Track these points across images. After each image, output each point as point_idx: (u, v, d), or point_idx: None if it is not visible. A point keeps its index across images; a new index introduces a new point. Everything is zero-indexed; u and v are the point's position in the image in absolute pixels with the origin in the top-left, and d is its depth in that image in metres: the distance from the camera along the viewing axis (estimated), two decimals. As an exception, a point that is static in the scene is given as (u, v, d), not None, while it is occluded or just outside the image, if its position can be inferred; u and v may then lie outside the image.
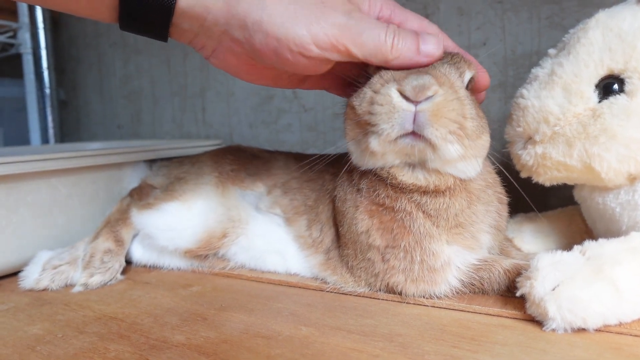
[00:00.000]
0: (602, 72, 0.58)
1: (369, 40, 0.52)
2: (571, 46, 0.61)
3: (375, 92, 0.55)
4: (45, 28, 1.54)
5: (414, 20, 0.61)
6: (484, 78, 0.64)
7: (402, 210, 0.59)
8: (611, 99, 0.58)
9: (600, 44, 0.58)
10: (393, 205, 0.60)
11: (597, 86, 0.59)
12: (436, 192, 0.59)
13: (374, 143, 0.55)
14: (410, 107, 0.52)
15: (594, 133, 0.57)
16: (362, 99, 0.57)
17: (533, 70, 0.66)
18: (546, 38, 0.91)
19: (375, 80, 0.57)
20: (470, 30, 0.99)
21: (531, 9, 0.92)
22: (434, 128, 0.52)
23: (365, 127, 0.56)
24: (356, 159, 0.61)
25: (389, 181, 0.59)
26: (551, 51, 0.66)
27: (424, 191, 0.59)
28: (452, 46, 0.63)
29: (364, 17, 0.53)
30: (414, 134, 0.53)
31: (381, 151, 0.56)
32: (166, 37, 0.56)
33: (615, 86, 0.58)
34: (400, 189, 0.59)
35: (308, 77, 0.67)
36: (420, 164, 0.58)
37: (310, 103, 1.21)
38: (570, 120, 0.59)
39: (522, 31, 0.94)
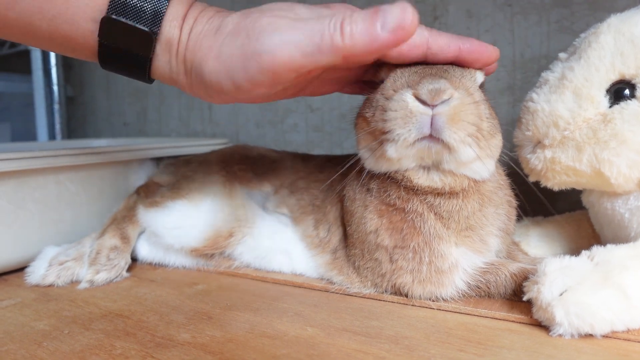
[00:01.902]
0: (614, 77, 0.58)
1: (319, 28, 0.44)
2: (582, 50, 0.61)
3: (388, 98, 0.55)
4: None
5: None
6: (489, 54, 0.58)
7: (413, 211, 0.59)
8: (622, 104, 0.57)
9: (612, 48, 0.58)
10: (404, 207, 0.60)
11: (608, 91, 0.59)
12: (451, 193, 0.58)
13: (391, 150, 0.55)
14: (427, 111, 0.51)
15: (604, 138, 0.57)
16: (374, 108, 0.57)
17: (543, 74, 0.65)
18: (555, 42, 0.91)
19: (388, 86, 0.56)
20: (479, 33, 0.98)
21: (541, 13, 0.92)
22: (452, 131, 0.52)
23: (380, 136, 0.56)
24: (369, 164, 0.61)
25: (403, 184, 0.59)
26: (562, 55, 0.66)
27: (439, 193, 0.58)
28: (454, 43, 0.56)
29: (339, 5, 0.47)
30: (431, 136, 0.52)
31: (398, 157, 0.56)
32: (146, 79, 0.55)
33: (627, 91, 0.58)
34: (414, 190, 0.59)
35: (307, 85, 0.61)
36: (434, 166, 0.57)
37: (316, 103, 1.21)
38: (580, 125, 0.59)
39: (531, 34, 0.93)
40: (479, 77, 0.59)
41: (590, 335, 0.49)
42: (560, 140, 0.60)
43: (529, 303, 0.53)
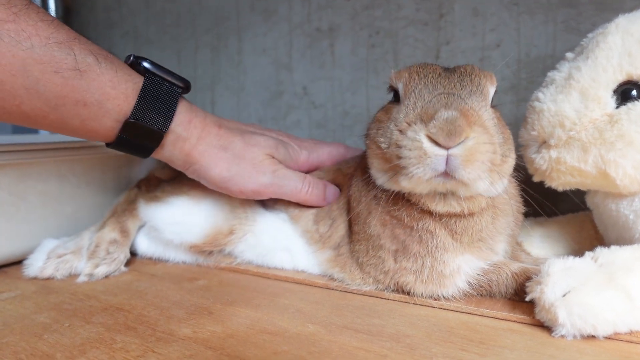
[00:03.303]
0: (621, 78, 0.58)
1: (288, 189, 0.71)
2: (590, 50, 0.60)
3: (402, 132, 0.53)
4: (57, 16, 1.54)
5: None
6: None
7: (424, 229, 0.59)
8: (629, 104, 0.57)
9: (619, 49, 0.58)
10: (413, 225, 0.59)
11: (615, 91, 0.58)
12: (470, 214, 0.58)
13: (405, 183, 0.54)
14: (442, 152, 0.50)
15: (611, 139, 0.56)
16: (388, 139, 0.55)
17: (550, 74, 0.65)
18: (561, 42, 0.90)
19: (401, 117, 0.55)
20: (485, 32, 0.98)
21: (547, 12, 0.91)
22: (467, 172, 0.50)
23: (394, 168, 0.55)
24: (381, 183, 0.60)
25: (419, 207, 0.58)
26: (569, 55, 0.65)
27: (457, 215, 0.58)
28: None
29: (286, 172, 0.71)
30: (446, 173, 0.51)
31: (411, 187, 0.55)
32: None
33: (634, 92, 0.57)
34: (430, 213, 0.58)
35: None
36: (450, 193, 0.57)
37: (319, 100, 1.20)
38: (587, 125, 0.58)
39: (537, 34, 0.93)
40: (492, 91, 0.58)
41: (593, 336, 0.49)
42: (566, 141, 0.60)
43: (532, 303, 0.53)
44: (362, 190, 0.65)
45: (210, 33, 1.37)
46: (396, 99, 0.60)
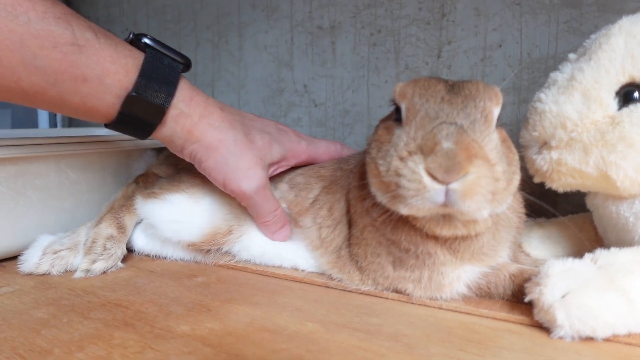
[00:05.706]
0: (623, 80, 0.57)
1: (259, 209, 0.72)
2: (592, 52, 0.60)
3: (401, 159, 0.51)
4: (57, 11, 1.54)
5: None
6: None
7: (424, 253, 0.58)
8: (631, 107, 0.57)
9: (622, 50, 0.57)
10: (410, 248, 0.58)
11: (617, 93, 0.58)
12: (477, 235, 0.58)
13: (404, 210, 0.52)
14: (441, 187, 0.49)
15: (612, 141, 0.56)
16: (388, 164, 0.53)
17: (552, 75, 0.65)
18: (563, 42, 0.90)
19: (402, 145, 0.52)
20: (487, 31, 0.98)
21: (549, 13, 0.91)
22: (466, 205, 0.49)
23: (393, 192, 0.53)
24: (382, 202, 0.57)
25: (424, 231, 0.57)
26: (571, 56, 0.65)
27: (464, 237, 0.57)
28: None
29: (268, 195, 0.71)
30: (445, 204, 0.50)
31: (411, 213, 0.53)
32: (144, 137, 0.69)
33: (636, 94, 0.57)
34: (434, 237, 0.57)
35: None
36: (454, 215, 0.54)
37: (320, 98, 1.20)
38: (588, 127, 0.58)
39: (539, 34, 0.93)
40: (497, 113, 0.55)
41: (591, 338, 0.48)
42: (567, 142, 0.60)
43: (530, 304, 0.53)
44: (358, 197, 0.64)
45: (211, 29, 1.36)
46: (398, 115, 0.57)
